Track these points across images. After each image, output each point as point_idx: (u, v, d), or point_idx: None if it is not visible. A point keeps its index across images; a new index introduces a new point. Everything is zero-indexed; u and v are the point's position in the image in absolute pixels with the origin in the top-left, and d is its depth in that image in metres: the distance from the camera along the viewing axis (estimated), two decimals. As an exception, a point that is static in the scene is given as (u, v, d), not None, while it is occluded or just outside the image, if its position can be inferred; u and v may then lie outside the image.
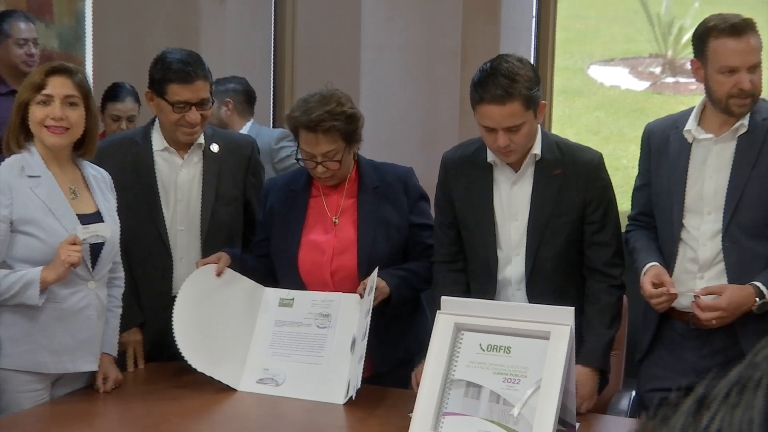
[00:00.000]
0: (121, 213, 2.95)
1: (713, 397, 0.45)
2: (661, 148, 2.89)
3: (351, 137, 2.94)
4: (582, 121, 5.42)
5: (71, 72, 2.75)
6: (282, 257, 3.05)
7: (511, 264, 2.82)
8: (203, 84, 3.05)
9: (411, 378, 2.86)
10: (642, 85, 5.65)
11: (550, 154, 2.79)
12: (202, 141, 3.16)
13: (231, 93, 4.68)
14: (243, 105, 4.75)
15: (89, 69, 4.87)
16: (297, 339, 2.95)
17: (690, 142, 2.83)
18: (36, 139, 2.75)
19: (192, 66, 3.04)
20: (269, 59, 5.32)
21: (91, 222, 2.76)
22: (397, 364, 3.02)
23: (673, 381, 2.78)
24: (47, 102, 2.71)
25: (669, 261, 2.83)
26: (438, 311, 2.61)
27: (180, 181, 3.14)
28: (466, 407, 2.49)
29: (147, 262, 3.11)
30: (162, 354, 3.14)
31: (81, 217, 2.75)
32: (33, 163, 2.73)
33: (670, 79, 5.61)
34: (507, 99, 2.64)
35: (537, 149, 2.78)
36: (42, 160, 2.74)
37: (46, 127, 2.71)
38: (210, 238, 3.13)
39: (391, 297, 2.88)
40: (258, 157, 3.34)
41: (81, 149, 2.83)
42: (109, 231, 2.80)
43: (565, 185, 2.78)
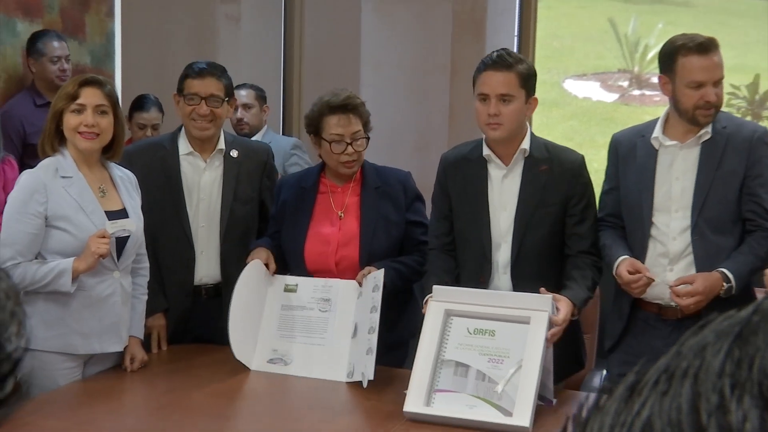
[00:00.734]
0: (149, 210, 2.96)
1: (644, 384, 0.43)
2: (628, 154, 2.89)
3: (367, 125, 3.00)
4: (558, 129, 5.41)
5: (101, 83, 2.75)
6: (291, 247, 3.04)
7: (500, 250, 2.80)
8: (215, 82, 3.06)
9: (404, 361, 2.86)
10: (611, 97, 5.64)
11: (538, 152, 2.78)
12: (222, 146, 3.15)
13: (265, 101, 4.67)
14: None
15: (118, 82, 4.85)
16: (302, 322, 2.94)
17: (657, 148, 2.82)
18: (69, 143, 2.74)
19: (209, 67, 3.10)
20: (279, 73, 5.30)
21: (118, 218, 2.76)
22: (391, 347, 3.01)
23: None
24: (80, 110, 2.69)
25: (639, 255, 2.82)
26: (430, 298, 2.60)
27: (202, 183, 3.13)
28: (455, 384, 2.50)
29: (172, 254, 3.10)
30: (184, 337, 3.14)
31: (108, 214, 2.75)
32: (66, 165, 2.72)
33: (636, 92, 5.60)
34: (505, 68, 2.67)
35: (526, 145, 2.77)
36: (74, 162, 2.74)
37: (79, 133, 2.70)
38: (228, 233, 3.13)
39: (385, 285, 2.86)
40: (273, 163, 3.34)
41: (109, 152, 2.82)
42: (134, 226, 2.80)
43: (551, 181, 2.76)
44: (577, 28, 5.71)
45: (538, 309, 2.48)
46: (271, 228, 3.15)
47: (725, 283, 2.67)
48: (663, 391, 0.42)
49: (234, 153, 3.17)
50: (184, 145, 3.13)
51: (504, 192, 2.79)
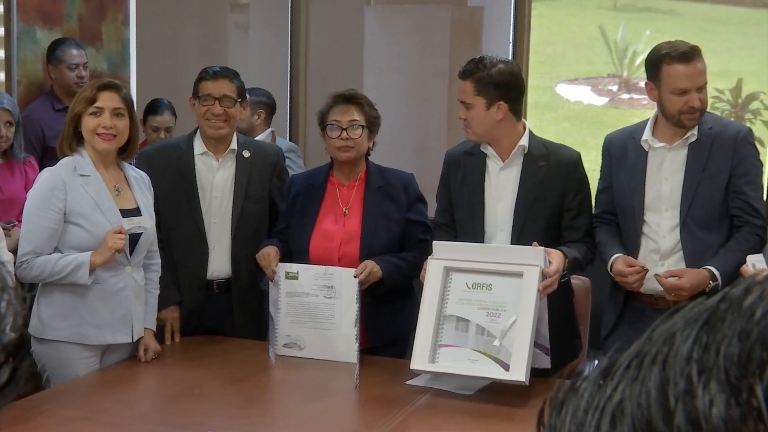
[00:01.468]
0: (165, 207, 2.98)
1: (617, 369, 0.43)
2: (621, 155, 2.89)
3: (371, 123, 3.00)
4: (550, 131, 5.39)
5: (118, 87, 2.76)
6: (297, 242, 3.04)
7: (496, 239, 2.80)
8: (228, 83, 3.08)
9: (406, 351, 2.86)
10: (601, 101, 5.63)
11: (536, 149, 2.80)
12: (235, 147, 3.15)
13: (263, 105, 4.64)
14: (267, 116, 4.71)
15: (133, 87, 4.85)
16: (309, 308, 2.94)
17: (646, 150, 2.83)
18: (86, 144, 2.75)
19: (222, 70, 3.13)
20: (286, 79, 5.30)
21: (131, 216, 2.77)
22: (391, 340, 3.02)
23: None
24: (98, 113, 2.70)
25: (632, 251, 2.83)
26: (430, 257, 2.62)
27: (216, 181, 3.13)
28: (457, 339, 2.55)
29: (186, 249, 3.10)
30: (196, 330, 3.13)
31: (123, 212, 2.76)
32: (84, 164, 2.73)
33: (625, 96, 5.58)
34: (463, 77, 2.78)
35: (524, 142, 2.79)
36: (91, 161, 2.74)
37: (97, 135, 2.71)
38: (239, 230, 3.12)
39: (384, 280, 2.86)
40: (283, 164, 3.34)
41: (124, 153, 2.83)
42: (149, 223, 2.81)
43: (549, 175, 2.78)
44: (569, 35, 5.70)
45: (529, 264, 2.51)
46: (281, 224, 3.14)
47: (712, 281, 2.68)
48: (633, 376, 0.41)
49: (246, 153, 3.17)
50: (198, 146, 3.14)
51: (501, 183, 2.81)
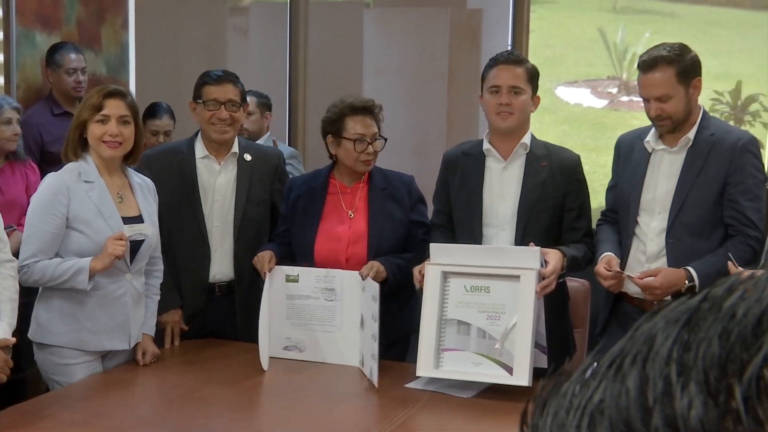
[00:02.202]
0: (167, 210, 2.98)
1: (599, 368, 0.43)
2: (627, 155, 2.90)
3: (380, 129, 3.02)
4: (550, 134, 5.39)
5: (124, 95, 2.76)
6: (301, 244, 3.05)
7: (498, 238, 2.81)
8: (232, 88, 3.10)
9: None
10: (601, 103, 5.63)
11: (538, 150, 2.83)
12: (236, 150, 3.16)
13: (269, 107, 4.64)
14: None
15: (132, 90, 4.84)
16: (309, 311, 2.94)
17: (650, 151, 2.83)
18: (91, 150, 2.75)
19: (225, 74, 3.14)
20: (285, 82, 5.29)
21: (133, 223, 2.77)
22: (393, 341, 3.01)
23: None
24: (105, 121, 2.70)
25: (625, 252, 2.84)
26: (427, 262, 2.63)
27: (217, 185, 3.14)
28: (459, 343, 2.56)
29: (188, 252, 3.11)
30: (198, 332, 3.14)
31: (125, 219, 2.75)
32: (88, 170, 2.73)
33: (625, 98, 5.59)
34: (516, 64, 2.78)
35: (527, 140, 2.81)
36: (96, 168, 2.75)
37: (104, 142, 2.71)
38: (241, 233, 3.13)
39: (388, 280, 2.87)
40: (284, 167, 3.35)
41: (129, 159, 2.83)
42: (151, 231, 2.80)
43: (550, 176, 2.80)
44: (568, 37, 5.71)
45: (526, 267, 2.51)
46: (281, 226, 3.14)
47: (687, 281, 2.64)
48: (614, 376, 0.41)
49: (247, 157, 3.18)
50: (200, 149, 3.15)
51: (504, 182, 2.82)
